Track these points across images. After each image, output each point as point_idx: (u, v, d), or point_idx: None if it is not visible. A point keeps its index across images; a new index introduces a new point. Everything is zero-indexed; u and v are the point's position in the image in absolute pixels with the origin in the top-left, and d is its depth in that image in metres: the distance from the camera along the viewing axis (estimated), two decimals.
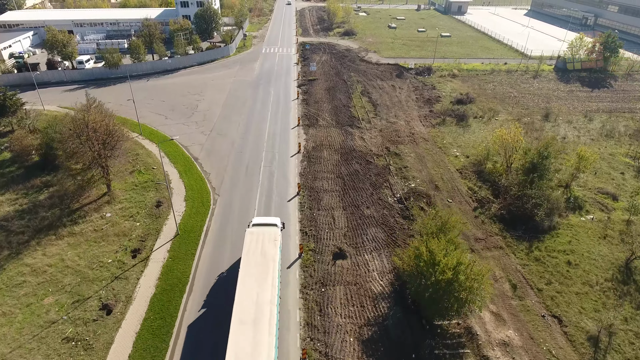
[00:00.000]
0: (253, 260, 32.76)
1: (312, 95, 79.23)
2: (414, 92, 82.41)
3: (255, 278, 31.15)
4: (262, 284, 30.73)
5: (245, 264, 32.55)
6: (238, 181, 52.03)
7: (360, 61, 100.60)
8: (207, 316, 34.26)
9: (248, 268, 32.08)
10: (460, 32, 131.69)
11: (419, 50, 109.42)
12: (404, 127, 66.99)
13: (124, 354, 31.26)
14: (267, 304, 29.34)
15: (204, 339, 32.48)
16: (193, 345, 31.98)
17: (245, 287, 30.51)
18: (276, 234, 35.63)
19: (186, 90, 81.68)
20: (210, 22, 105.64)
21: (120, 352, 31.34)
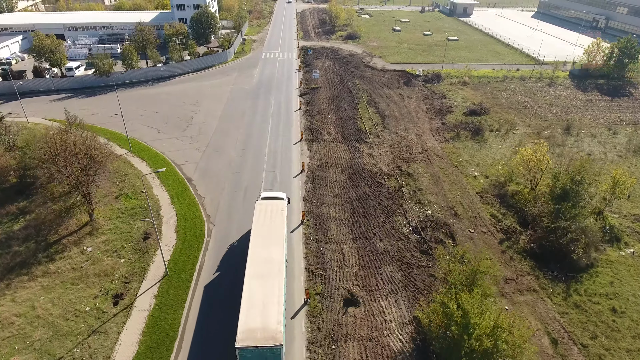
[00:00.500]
0: (263, 227, 36.58)
1: (316, 106, 73.96)
2: (423, 101, 77.16)
3: (265, 241, 34.93)
4: (271, 245, 34.45)
5: (256, 229, 36.42)
6: (235, 208, 46.76)
7: (365, 67, 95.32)
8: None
9: (258, 233, 35.93)
10: (468, 35, 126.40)
11: (426, 56, 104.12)
12: (416, 142, 61.74)
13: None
14: (276, 262, 32.96)
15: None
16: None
17: (257, 248, 34.31)
18: (283, 205, 39.39)
19: (181, 100, 76.37)
20: (207, 26, 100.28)
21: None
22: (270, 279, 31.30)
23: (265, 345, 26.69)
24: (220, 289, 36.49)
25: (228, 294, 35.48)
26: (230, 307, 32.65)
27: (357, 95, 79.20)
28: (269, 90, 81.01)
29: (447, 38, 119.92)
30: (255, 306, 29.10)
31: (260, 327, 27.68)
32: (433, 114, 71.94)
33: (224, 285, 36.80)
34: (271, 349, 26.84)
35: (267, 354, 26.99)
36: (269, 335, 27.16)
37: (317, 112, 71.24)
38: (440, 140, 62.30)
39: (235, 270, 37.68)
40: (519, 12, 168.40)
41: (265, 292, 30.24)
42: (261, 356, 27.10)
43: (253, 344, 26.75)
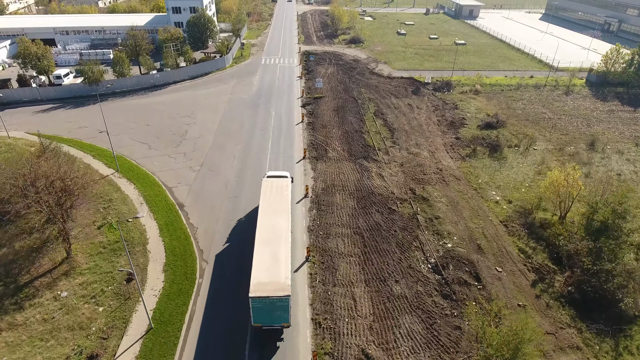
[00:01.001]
0: (270, 200, 39.28)
1: (319, 118, 68.70)
2: (434, 112, 71.88)
3: (272, 212, 37.67)
4: (278, 215, 37.13)
5: (263, 203, 39.04)
6: (232, 242, 41.51)
7: (370, 74, 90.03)
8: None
9: (266, 205, 38.56)
10: (476, 39, 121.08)
11: (434, 61, 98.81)
12: (429, 159, 56.49)
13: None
14: (283, 229, 35.65)
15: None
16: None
17: (265, 218, 36.91)
18: (287, 182, 42.32)
19: (175, 111, 71.06)
20: (204, 31, 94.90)
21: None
22: (277, 243, 34.30)
23: (275, 296, 29.61)
24: (212, 348, 31.25)
25: (224, 355, 30.30)
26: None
27: (363, 105, 73.93)
28: (269, 100, 75.71)
29: (455, 42, 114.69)
30: (264, 265, 32.19)
31: (270, 281, 30.71)
32: (445, 126, 66.67)
33: (220, 342, 31.56)
34: (280, 299, 29.67)
35: (276, 303, 29.79)
36: (278, 287, 30.22)
37: (320, 125, 65.97)
38: (455, 158, 57.02)
39: (232, 321, 32.52)
40: (526, 14, 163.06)
41: (274, 253, 33.31)
42: (271, 306, 29.83)
43: (264, 294, 29.68)
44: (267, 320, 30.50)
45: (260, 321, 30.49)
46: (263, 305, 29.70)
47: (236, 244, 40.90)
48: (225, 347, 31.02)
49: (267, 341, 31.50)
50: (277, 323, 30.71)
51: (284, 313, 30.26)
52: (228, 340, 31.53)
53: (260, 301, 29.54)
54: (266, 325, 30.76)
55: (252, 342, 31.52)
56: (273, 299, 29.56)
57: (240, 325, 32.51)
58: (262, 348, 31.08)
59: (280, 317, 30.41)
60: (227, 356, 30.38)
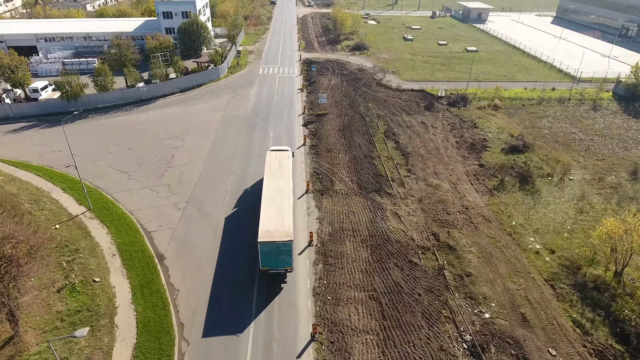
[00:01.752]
0: (273, 168, 43.35)
1: (323, 139, 60.82)
2: (451, 132, 64.05)
3: (276, 175, 42.15)
4: (281, 180, 41.47)
5: (268, 170, 43.07)
6: (220, 312, 33.63)
7: (378, 86, 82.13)
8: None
9: (270, 172, 42.75)
10: (487, 45, 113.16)
11: (446, 71, 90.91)
12: (452, 193, 48.65)
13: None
14: (285, 190, 39.86)
15: None
16: None
17: (270, 180, 41.40)
18: (289, 154, 46.12)
19: (162, 131, 63.16)
20: (197, 38, 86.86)
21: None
22: (281, 200, 38.08)
23: (280, 241, 33.31)
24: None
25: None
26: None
27: (371, 123, 66.07)
28: (267, 118, 67.75)
29: (466, 49, 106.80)
30: (270, 216, 35.85)
31: (275, 230, 34.37)
32: (465, 150, 58.85)
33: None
34: (284, 244, 33.36)
35: (281, 248, 33.36)
36: (282, 234, 33.90)
37: (325, 149, 58.10)
38: (482, 192, 49.16)
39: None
40: (537, 17, 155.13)
41: (278, 208, 36.98)
42: (277, 250, 33.42)
43: (271, 239, 33.38)
44: (273, 264, 34.45)
45: (267, 265, 34.51)
46: (270, 250, 33.55)
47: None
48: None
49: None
50: (282, 267, 34.65)
51: (287, 257, 34.13)
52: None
53: (268, 246, 33.38)
54: (272, 269, 34.82)
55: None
56: (278, 244, 33.37)
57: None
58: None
59: (284, 261, 34.30)
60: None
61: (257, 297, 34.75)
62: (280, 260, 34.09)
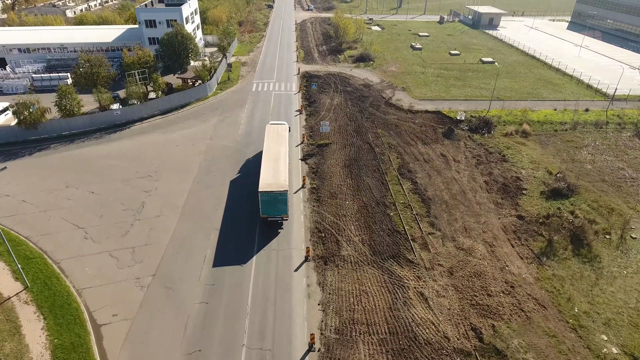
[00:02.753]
0: (272, 137, 49.69)
1: (326, 179, 50.31)
2: (477, 167, 53.62)
3: (274, 143, 48.17)
4: (278, 145, 47.77)
5: (268, 138, 49.43)
6: None
7: (387, 106, 71.60)
8: None
9: (270, 139, 49.15)
10: (503, 55, 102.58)
11: (462, 87, 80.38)
12: (489, 260, 38.23)
13: None
14: (282, 154, 45.73)
15: None
16: None
17: (269, 146, 47.51)
18: (286, 127, 53.16)
19: (134, 167, 52.65)
20: (182, 51, 76.22)
21: None
22: (278, 162, 44.05)
23: (276, 190, 39.17)
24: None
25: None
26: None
27: (382, 156, 55.63)
28: (260, 150, 57.22)
29: (481, 60, 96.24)
30: (269, 173, 42.11)
31: (273, 182, 40.41)
32: (497, 193, 48.42)
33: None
34: (280, 194, 39.19)
35: (277, 197, 39.16)
36: (279, 186, 39.85)
37: (328, 194, 47.58)
38: (527, 258, 38.72)
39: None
40: (550, 22, 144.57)
41: (275, 167, 43.12)
42: (274, 199, 39.24)
43: (269, 189, 39.30)
44: (271, 211, 39.90)
45: (266, 213, 39.96)
46: (268, 199, 39.10)
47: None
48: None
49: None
50: (279, 214, 40.22)
51: (283, 206, 39.63)
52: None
53: (267, 195, 38.99)
54: (270, 217, 40.33)
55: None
56: (275, 193, 38.97)
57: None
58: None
59: (280, 209, 39.83)
60: None
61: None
62: (277, 208, 39.84)
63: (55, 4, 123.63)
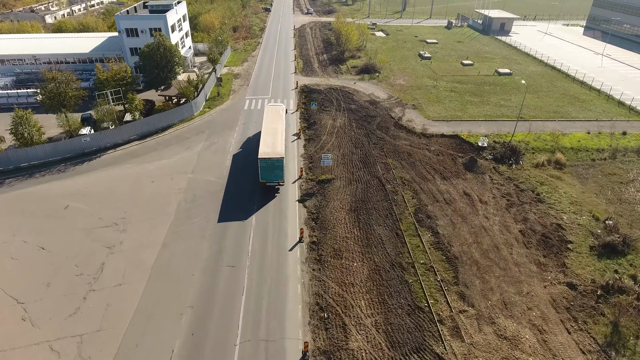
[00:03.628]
0: (270, 115, 54.31)
1: (328, 230, 41.22)
2: (508, 210, 44.62)
3: (272, 121, 52.43)
4: (276, 122, 51.98)
5: (266, 117, 53.84)
6: None
7: (397, 128, 62.54)
8: None
9: (268, 118, 53.52)
10: (520, 65, 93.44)
11: (479, 104, 71.30)
12: (542, 357, 29.16)
13: None
14: (279, 130, 50.11)
15: None
16: None
17: (267, 124, 51.66)
18: (283, 107, 57.95)
19: (98, 211, 43.61)
20: (165, 65, 67.10)
21: None
22: (275, 135, 48.58)
23: (274, 157, 43.81)
24: None
25: None
26: None
27: (395, 195, 46.60)
28: (251, 189, 48.10)
29: (497, 71, 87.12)
30: (267, 144, 46.46)
31: (271, 151, 44.96)
32: (538, 248, 39.39)
33: None
34: (277, 160, 43.84)
35: (275, 163, 43.85)
36: (276, 153, 44.59)
37: (331, 250, 38.53)
38: (591, 352, 29.67)
39: None
40: (564, 27, 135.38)
41: (273, 139, 47.55)
42: (272, 165, 43.91)
43: (267, 156, 43.94)
44: (269, 177, 44.72)
45: (264, 178, 44.82)
46: (267, 165, 43.82)
47: None
48: None
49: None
50: (275, 180, 45.04)
51: (280, 172, 44.42)
52: None
53: (265, 161, 43.69)
54: (269, 182, 45.21)
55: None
56: (273, 160, 43.66)
57: None
58: None
59: (277, 175, 44.60)
60: None
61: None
62: (275, 174, 44.35)
63: (35, 8, 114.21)
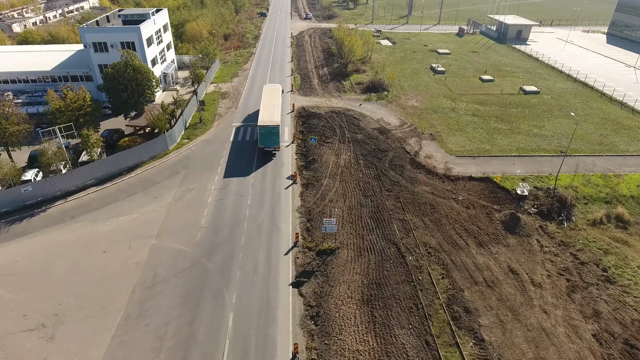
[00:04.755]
0: (268, 92, 61.83)
1: (332, 336, 29.73)
2: (570, 297, 33.21)
3: (269, 97, 59.98)
4: (273, 99, 59.09)
5: (265, 94, 61.33)
6: None
7: (414, 167, 51.03)
8: None
9: (266, 94, 61.20)
10: (546, 80, 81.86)
11: (509, 134, 59.78)
12: None
13: None
14: (275, 103, 57.39)
15: None
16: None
17: (265, 98, 59.50)
18: (279, 86, 65.36)
19: (23, 303, 32.08)
20: (136, 88, 55.44)
21: None
22: (272, 108, 55.61)
23: (271, 124, 50.87)
24: None
25: None
26: None
27: (419, 272, 35.13)
28: (229, 262, 36.56)
29: (522, 89, 75.56)
30: (265, 114, 53.77)
31: (269, 119, 52.04)
32: None
33: None
34: (274, 127, 50.86)
35: (272, 130, 50.88)
36: (273, 121, 51.61)
37: None
38: None
39: None
40: (585, 34, 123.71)
41: (270, 111, 54.65)
42: (269, 132, 50.99)
43: (265, 124, 50.96)
44: (267, 142, 51.74)
45: (263, 143, 51.89)
46: (265, 132, 50.93)
47: None
48: None
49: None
50: (272, 145, 51.99)
51: (276, 138, 51.32)
52: None
53: (263, 128, 50.83)
54: (266, 147, 52.10)
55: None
56: (270, 127, 50.76)
57: None
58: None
59: (274, 140, 51.54)
60: None
61: None
62: (271, 139, 51.49)
63: (3, 15, 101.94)
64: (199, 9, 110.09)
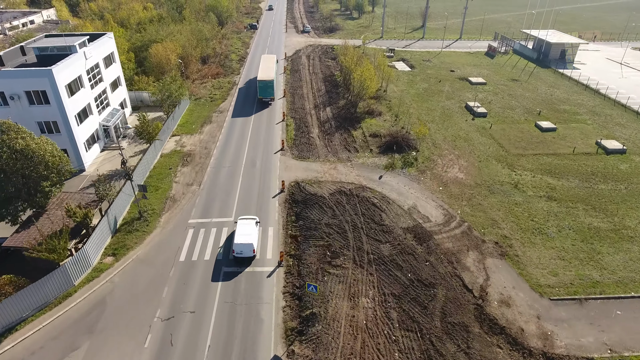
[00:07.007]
0: (265, 60, 73.25)
1: None
2: None
3: (266, 62, 71.49)
4: (268, 63, 71.07)
5: (263, 60, 72.99)
6: None
7: (486, 331, 28.88)
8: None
9: (264, 61, 72.34)
10: (625, 128, 59.70)
11: (618, 241, 37.50)
12: None
13: None
14: (272, 67, 68.43)
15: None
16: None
17: (262, 64, 70.31)
18: (274, 57, 76.08)
19: None
20: (23, 181, 33.03)
21: None
22: (268, 69, 66.93)
23: (267, 79, 63.50)
24: None
25: None
26: None
27: None
28: None
29: (603, 147, 53.31)
30: (263, 72, 65.65)
31: (266, 76, 64.25)
32: None
33: None
34: (270, 81, 63.49)
35: (268, 84, 63.40)
36: (269, 76, 63.98)
37: None
38: None
39: None
40: (636, 51, 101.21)
41: (266, 72, 65.88)
42: (266, 85, 63.63)
43: (263, 79, 63.70)
44: (264, 94, 64.48)
45: (261, 95, 64.64)
46: (263, 85, 63.58)
47: None
48: None
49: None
50: (268, 96, 64.71)
51: (271, 90, 64.20)
52: None
53: (262, 82, 63.54)
54: (264, 98, 64.82)
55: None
56: (267, 81, 63.37)
57: None
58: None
59: (270, 92, 64.36)
60: None
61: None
62: (267, 92, 64.36)
63: None
64: (172, 24, 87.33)
